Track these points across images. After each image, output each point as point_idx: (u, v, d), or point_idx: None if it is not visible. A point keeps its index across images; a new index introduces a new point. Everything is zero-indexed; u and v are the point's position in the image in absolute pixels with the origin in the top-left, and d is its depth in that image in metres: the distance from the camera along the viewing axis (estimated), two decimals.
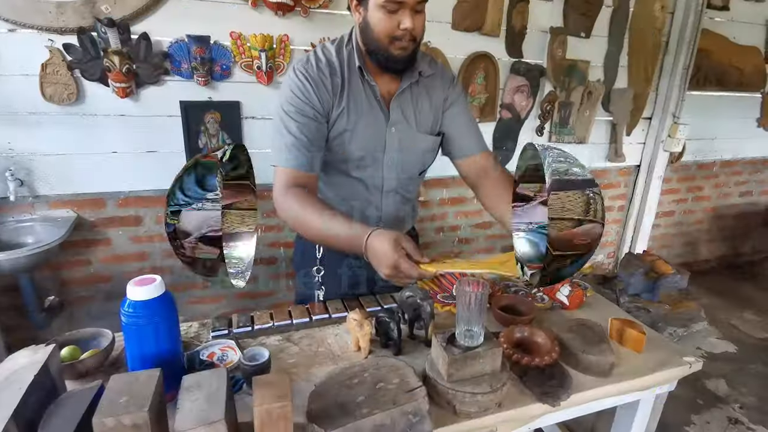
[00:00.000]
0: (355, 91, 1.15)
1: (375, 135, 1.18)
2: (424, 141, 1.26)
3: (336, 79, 1.13)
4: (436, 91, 1.24)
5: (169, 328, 0.90)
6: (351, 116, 1.15)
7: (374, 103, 1.17)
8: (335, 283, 1.33)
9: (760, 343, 2.72)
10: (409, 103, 1.20)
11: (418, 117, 1.22)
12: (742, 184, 3.59)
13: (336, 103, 1.14)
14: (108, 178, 1.98)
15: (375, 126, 1.18)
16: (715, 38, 2.91)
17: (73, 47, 1.77)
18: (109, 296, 2.13)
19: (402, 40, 1.05)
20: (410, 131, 1.22)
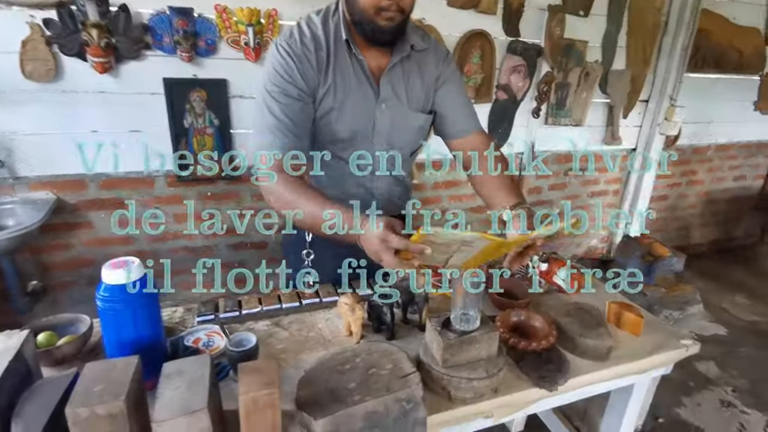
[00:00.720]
0: (342, 66, 1.09)
1: (364, 113, 1.13)
2: (416, 119, 1.20)
3: (321, 54, 1.06)
4: (428, 67, 1.18)
5: (148, 312, 0.85)
6: (338, 93, 1.09)
7: (363, 79, 1.11)
8: (326, 269, 1.28)
9: (750, 326, 2.74)
10: (400, 78, 1.14)
11: (410, 94, 1.16)
12: (736, 168, 3.58)
13: (322, 79, 1.07)
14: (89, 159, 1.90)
15: (364, 103, 1.12)
16: (715, 18, 2.86)
17: (52, 22, 1.69)
18: (92, 281, 2.06)
19: (388, 10, 0.99)
20: (401, 108, 1.16)
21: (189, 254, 2.19)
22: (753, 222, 3.91)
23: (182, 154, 1.99)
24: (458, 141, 1.26)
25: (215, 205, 2.15)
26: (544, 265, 1.36)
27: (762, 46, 3.09)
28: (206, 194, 2.12)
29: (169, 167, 2.01)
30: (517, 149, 2.71)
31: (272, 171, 1.04)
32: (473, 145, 1.25)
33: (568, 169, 2.94)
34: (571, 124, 2.77)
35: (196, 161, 2.02)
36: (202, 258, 2.21)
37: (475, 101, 2.46)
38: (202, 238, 2.19)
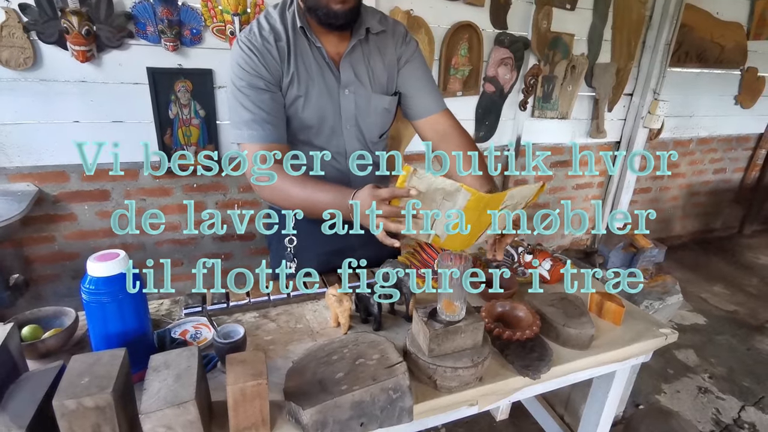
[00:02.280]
0: (303, 55, 1.10)
1: (329, 99, 1.14)
2: (381, 101, 1.20)
3: (281, 45, 1.08)
4: (388, 49, 1.18)
5: (134, 305, 0.85)
6: (302, 82, 1.10)
7: (323, 66, 1.11)
8: (309, 256, 1.30)
9: (728, 316, 2.82)
10: (360, 62, 1.15)
11: (372, 77, 1.17)
12: (716, 161, 3.66)
13: (285, 70, 1.09)
14: (70, 149, 1.86)
15: (328, 90, 1.13)
16: (699, 13, 2.90)
17: (29, 7, 1.64)
18: (76, 274, 2.04)
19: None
20: (365, 92, 1.17)
21: (175, 245, 2.17)
22: (732, 214, 4.01)
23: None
24: (424, 121, 1.26)
25: (200, 196, 2.13)
26: (528, 257, 1.38)
27: (744, 41, 3.14)
28: (191, 186, 2.10)
29: (153, 159, 1.98)
30: (504, 142, 2.73)
31: (272, 171, 1.07)
32: (440, 125, 1.25)
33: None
34: (558, 117, 2.80)
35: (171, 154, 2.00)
36: (187, 248, 2.19)
37: (463, 93, 2.47)
38: (187, 229, 2.17)
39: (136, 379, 0.83)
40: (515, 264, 1.40)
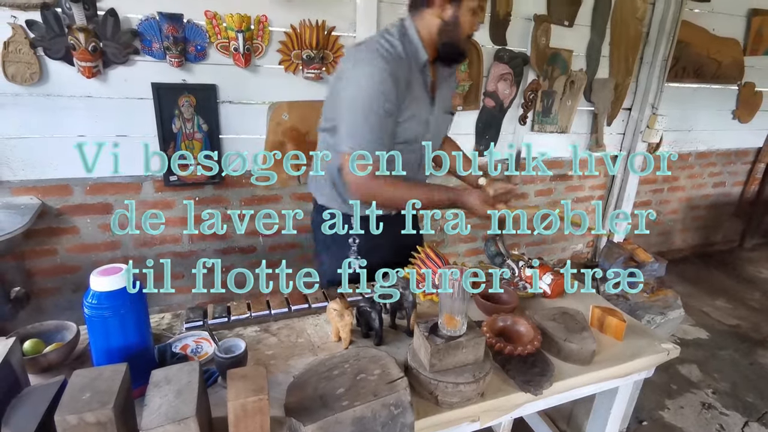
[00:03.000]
0: (416, 81, 1.24)
1: (423, 119, 1.30)
2: (447, 120, 1.45)
3: (405, 72, 1.20)
4: (453, 82, 1.45)
5: (136, 320, 0.85)
6: (412, 105, 1.24)
7: (424, 91, 1.28)
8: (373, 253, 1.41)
9: (731, 330, 2.81)
10: (443, 88, 1.37)
11: (445, 100, 1.39)
12: (715, 175, 3.67)
13: (405, 93, 1.21)
14: (75, 163, 1.88)
15: (425, 111, 1.30)
16: (695, 30, 2.94)
17: (36, 24, 1.67)
18: (77, 287, 2.04)
19: (471, 36, 1.24)
20: (441, 113, 1.38)
21: (175, 258, 2.17)
22: (732, 228, 4.01)
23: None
24: None
25: (202, 209, 2.14)
26: (529, 271, 1.38)
27: (740, 56, 3.18)
28: (194, 199, 2.11)
29: (156, 172, 2.00)
30: (504, 155, 2.75)
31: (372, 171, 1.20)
32: None
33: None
34: (557, 132, 2.82)
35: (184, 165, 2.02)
36: (188, 260, 2.20)
37: (463, 108, 2.50)
38: (189, 242, 2.18)
39: (137, 395, 0.83)
40: (516, 278, 1.40)
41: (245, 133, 2.09)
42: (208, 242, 2.21)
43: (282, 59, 2.03)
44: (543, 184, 2.98)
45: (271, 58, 2.02)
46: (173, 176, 2.02)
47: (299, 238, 2.29)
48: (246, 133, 2.10)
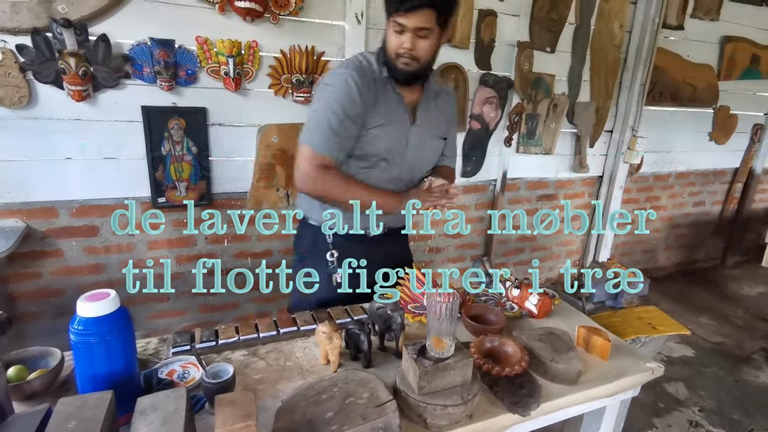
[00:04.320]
0: (387, 96, 1.32)
1: (401, 135, 1.35)
2: (436, 144, 1.47)
3: (374, 85, 1.29)
4: (447, 109, 1.49)
5: (123, 346, 0.84)
6: (380, 117, 1.30)
7: (400, 109, 1.34)
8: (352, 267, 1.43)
9: (715, 347, 2.85)
10: (428, 111, 1.41)
11: (434, 124, 1.42)
12: (695, 194, 3.77)
13: (372, 103, 1.29)
14: (61, 185, 1.87)
15: (401, 128, 1.35)
16: (670, 56, 3.07)
17: (26, 48, 1.68)
18: (61, 311, 2.00)
19: (403, 56, 1.24)
20: (428, 135, 1.42)
21: (162, 281, 2.15)
22: (714, 246, 4.11)
23: (158, 181, 1.99)
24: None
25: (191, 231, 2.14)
26: (516, 291, 1.40)
27: (715, 81, 3.32)
28: (181, 221, 2.10)
29: (145, 193, 1.99)
30: (490, 177, 2.80)
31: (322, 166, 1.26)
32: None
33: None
34: (542, 153, 2.89)
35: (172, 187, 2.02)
36: (175, 282, 2.17)
37: None
38: (175, 265, 2.16)
39: (122, 422, 0.82)
40: (503, 299, 1.42)
41: (235, 155, 2.11)
42: (194, 263, 2.19)
43: (272, 83, 2.07)
44: (529, 204, 3.04)
45: (261, 82, 2.06)
46: (161, 198, 2.01)
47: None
48: (235, 155, 2.11)
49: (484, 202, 2.87)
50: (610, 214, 3.22)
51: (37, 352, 1.03)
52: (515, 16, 2.53)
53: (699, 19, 3.09)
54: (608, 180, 3.19)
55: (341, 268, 1.42)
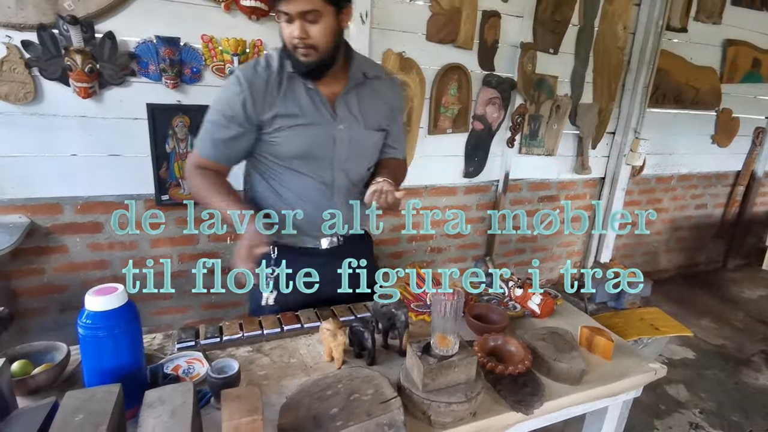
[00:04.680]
0: (296, 93, 1.20)
1: (321, 133, 1.22)
2: (372, 137, 1.31)
3: (272, 81, 1.18)
4: (383, 93, 1.31)
5: (130, 340, 0.85)
6: (290, 116, 1.19)
7: (318, 104, 1.21)
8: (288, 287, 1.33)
9: (717, 350, 2.85)
10: (355, 102, 1.25)
11: (366, 115, 1.27)
12: (697, 197, 3.78)
13: (270, 103, 1.18)
14: (66, 182, 1.87)
15: (321, 125, 1.22)
16: (673, 59, 3.07)
17: (32, 44, 1.68)
18: (64, 307, 2.00)
19: (298, 48, 1.12)
20: (359, 128, 1.27)
21: (163, 279, 2.15)
22: (715, 249, 4.11)
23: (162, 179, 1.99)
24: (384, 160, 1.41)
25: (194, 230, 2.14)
26: (519, 291, 1.41)
27: (717, 84, 3.32)
28: (184, 218, 2.11)
29: (149, 191, 2.00)
30: (492, 177, 2.81)
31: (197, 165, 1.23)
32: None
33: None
34: (544, 154, 2.89)
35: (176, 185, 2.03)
36: (178, 281, 2.18)
37: (453, 131, 2.56)
38: (178, 262, 2.16)
39: (129, 416, 0.82)
40: (506, 298, 1.42)
41: None
42: (196, 261, 2.19)
43: None
44: (531, 205, 3.04)
45: None
46: (165, 195, 2.02)
47: None
48: None
49: (486, 203, 2.88)
50: (611, 215, 3.22)
51: (42, 347, 1.04)
52: (519, 18, 2.53)
53: (702, 22, 3.09)
54: (610, 182, 3.19)
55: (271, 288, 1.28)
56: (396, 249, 2.70)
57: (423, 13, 2.30)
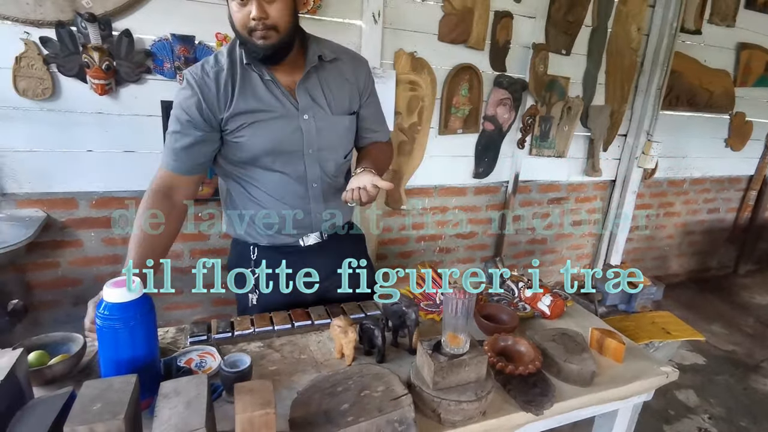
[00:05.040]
0: (253, 86, 1.14)
1: (287, 125, 1.17)
2: (341, 121, 1.25)
3: (223, 79, 1.12)
4: (347, 74, 1.24)
5: (146, 332, 0.86)
6: (249, 112, 1.14)
7: (278, 94, 1.16)
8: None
9: (727, 356, 2.82)
10: (317, 87, 1.19)
11: (330, 100, 1.21)
12: (710, 201, 3.73)
13: (226, 102, 1.13)
14: (82, 177, 1.91)
15: (285, 117, 1.16)
16: (687, 61, 3.04)
17: (50, 41, 1.71)
18: (77, 300, 2.04)
19: (256, 30, 1.04)
20: (324, 114, 1.21)
21: (177, 274, 2.18)
22: (727, 254, 4.06)
23: None
24: (369, 145, 1.36)
25: (205, 226, 2.17)
26: (529, 291, 1.41)
27: (731, 87, 3.28)
28: (196, 215, 2.13)
29: None
30: (502, 178, 2.80)
31: (153, 182, 1.17)
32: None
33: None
34: (555, 156, 2.88)
35: None
36: (188, 276, 2.20)
37: (463, 131, 2.56)
38: (189, 258, 2.19)
39: (144, 406, 0.84)
40: (516, 299, 1.42)
41: None
42: (209, 257, 2.22)
43: None
44: (540, 207, 3.03)
45: None
46: None
47: None
48: None
49: (495, 204, 2.87)
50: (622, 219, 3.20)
51: (58, 338, 1.05)
52: (531, 18, 2.52)
53: (716, 24, 3.06)
54: (621, 184, 3.16)
55: (258, 289, 1.29)
56: (404, 249, 2.70)
57: (435, 13, 2.30)
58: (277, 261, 1.30)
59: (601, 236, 3.31)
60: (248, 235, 1.30)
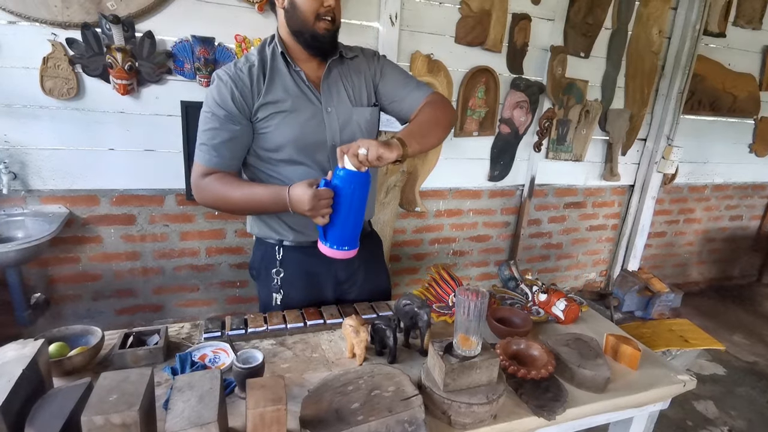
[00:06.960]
0: (282, 79, 1.20)
1: (312, 118, 1.22)
2: (362, 113, 1.29)
3: (254, 71, 1.18)
4: (362, 67, 1.31)
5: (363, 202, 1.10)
6: (279, 102, 1.19)
7: (304, 88, 1.22)
8: (296, 288, 1.33)
9: (748, 367, 2.73)
10: (338, 82, 1.26)
11: (351, 93, 1.28)
12: (732, 208, 3.64)
13: (258, 92, 1.18)
14: (103, 175, 1.96)
15: (310, 110, 1.22)
16: (711, 64, 2.98)
17: (75, 42, 1.76)
18: (96, 295, 2.09)
19: (325, 17, 1.14)
20: (346, 108, 1.26)
21: (193, 271, 2.21)
22: (750, 262, 3.94)
23: None
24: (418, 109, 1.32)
25: (221, 224, 2.20)
26: (543, 296, 1.39)
27: (756, 91, 3.20)
28: (213, 213, 2.17)
29: (180, 186, 2.06)
30: (518, 182, 2.78)
31: (203, 175, 1.20)
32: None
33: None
34: (572, 159, 2.85)
35: None
36: (204, 274, 2.24)
37: (479, 133, 2.54)
38: (205, 256, 2.22)
39: (348, 255, 1.13)
40: (529, 303, 1.41)
41: None
42: (225, 256, 2.25)
43: None
44: (556, 211, 2.99)
45: None
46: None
47: None
48: None
49: (510, 207, 2.85)
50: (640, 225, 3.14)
51: (78, 331, 1.08)
52: (550, 21, 2.50)
53: (741, 27, 2.98)
54: (640, 189, 3.11)
55: (281, 292, 1.32)
56: (418, 251, 2.70)
57: (452, 15, 2.30)
58: (302, 261, 1.32)
59: (619, 242, 3.26)
60: (274, 231, 1.32)
